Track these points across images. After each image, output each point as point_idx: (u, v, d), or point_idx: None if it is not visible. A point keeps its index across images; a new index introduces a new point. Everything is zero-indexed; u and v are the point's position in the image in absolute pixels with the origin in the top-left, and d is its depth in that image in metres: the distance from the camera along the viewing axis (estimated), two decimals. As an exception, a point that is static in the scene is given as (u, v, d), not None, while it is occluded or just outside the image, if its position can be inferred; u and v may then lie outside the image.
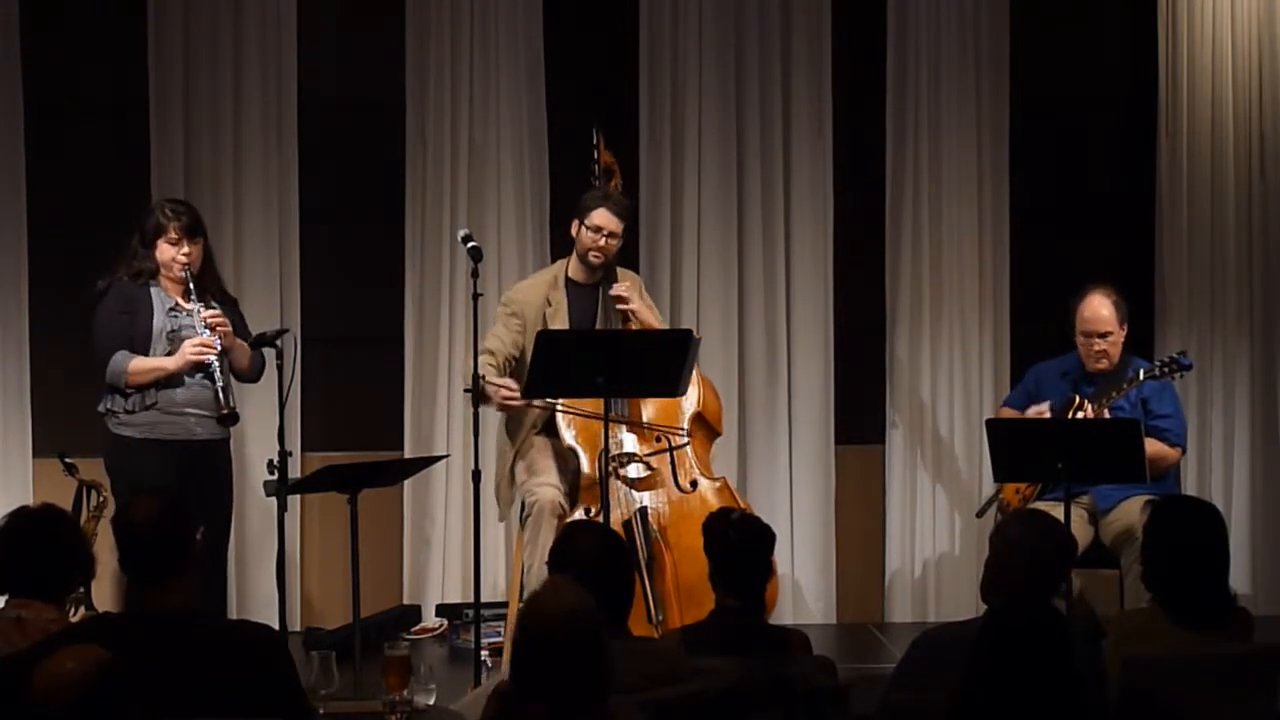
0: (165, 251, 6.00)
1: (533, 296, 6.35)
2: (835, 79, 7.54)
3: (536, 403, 6.15)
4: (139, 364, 5.93)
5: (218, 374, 5.94)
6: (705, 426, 6.41)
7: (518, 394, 6.06)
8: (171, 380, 5.95)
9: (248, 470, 7.03)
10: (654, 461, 6.27)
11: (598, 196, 6.33)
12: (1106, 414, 6.26)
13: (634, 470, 6.24)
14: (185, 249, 6.00)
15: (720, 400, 6.53)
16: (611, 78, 7.61)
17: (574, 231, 6.37)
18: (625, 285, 6.35)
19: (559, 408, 6.19)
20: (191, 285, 5.99)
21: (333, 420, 7.52)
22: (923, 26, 7.55)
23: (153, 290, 6.02)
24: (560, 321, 6.27)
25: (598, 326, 6.32)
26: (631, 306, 6.32)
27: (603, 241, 6.29)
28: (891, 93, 7.59)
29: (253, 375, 6.21)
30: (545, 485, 6.13)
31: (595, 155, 6.48)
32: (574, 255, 6.38)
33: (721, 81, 7.48)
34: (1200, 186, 7.60)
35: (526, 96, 7.41)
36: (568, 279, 6.38)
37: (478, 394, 5.99)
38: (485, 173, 7.41)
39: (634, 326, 6.35)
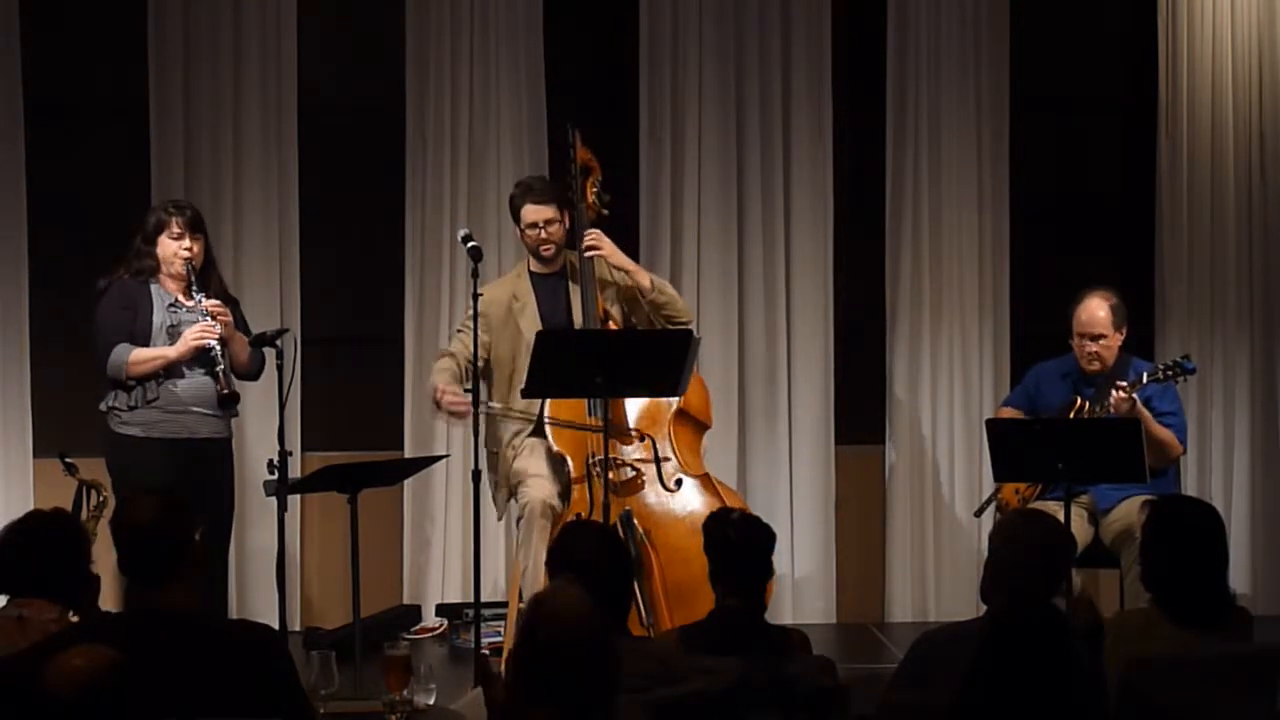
0: (167, 247, 6.03)
1: (499, 295, 6.37)
2: (835, 79, 7.54)
3: (483, 410, 6.15)
4: (140, 354, 5.95)
5: (219, 357, 5.96)
6: (691, 422, 6.40)
7: (464, 402, 6.08)
8: (172, 372, 5.96)
9: (248, 470, 7.03)
10: (639, 464, 6.27)
11: (519, 194, 6.38)
12: (1135, 395, 6.22)
13: (620, 473, 6.23)
14: (187, 243, 6.04)
15: (707, 393, 6.51)
16: (612, 78, 7.61)
17: (518, 236, 6.41)
18: (594, 234, 6.35)
19: (555, 422, 6.18)
20: (193, 280, 6.01)
21: (333, 420, 7.52)
22: (923, 26, 7.55)
23: (152, 287, 6.05)
24: (529, 316, 6.30)
25: (576, 313, 6.33)
26: (603, 251, 6.34)
27: (544, 233, 6.32)
28: (891, 93, 7.59)
29: (252, 372, 6.22)
30: (535, 488, 6.14)
31: (571, 154, 6.49)
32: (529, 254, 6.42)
33: (721, 81, 7.48)
34: (1200, 186, 7.60)
35: (526, 96, 7.41)
36: (530, 273, 6.40)
37: (478, 402, 6.00)
38: (485, 173, 7.42)
39: (614, 324, 6.36)
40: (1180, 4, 7.57)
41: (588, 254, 6.35)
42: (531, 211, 6.31)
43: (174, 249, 6.04)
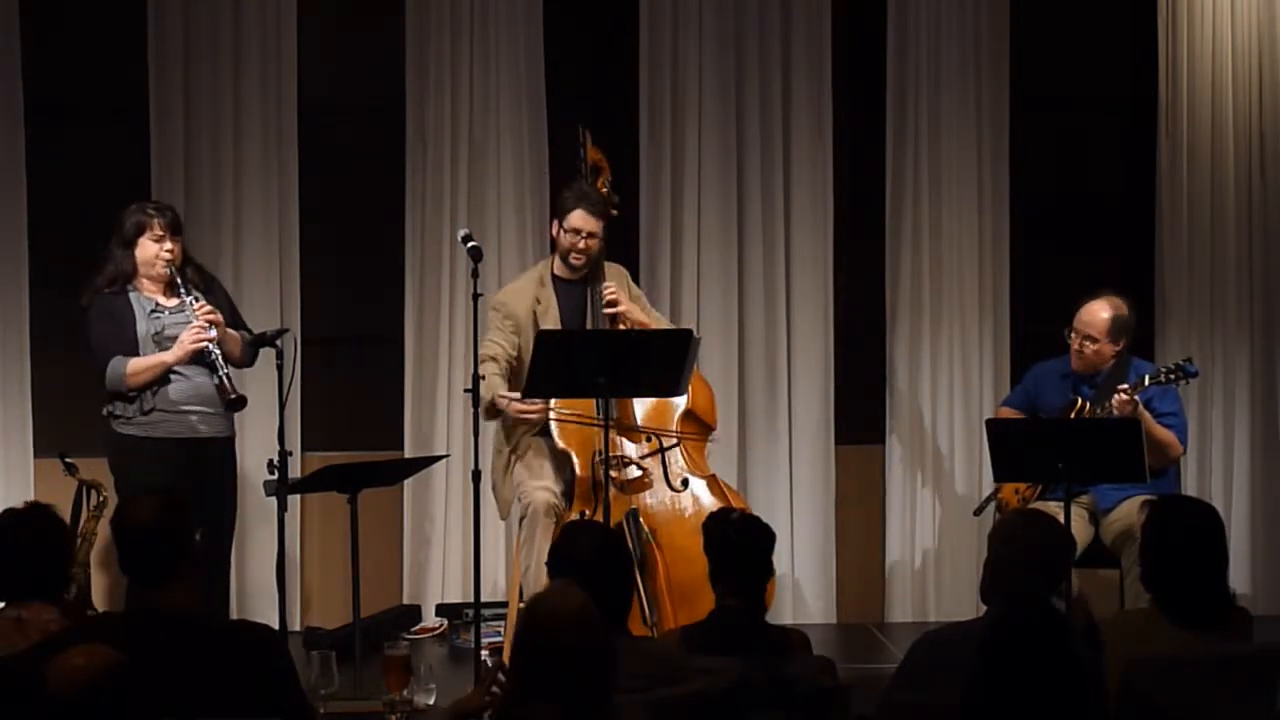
0: (148, 249, 6.02)
1: (521, 298, 6.34)
2: (835, 79, 7.54)
3: (552, 415, 6.14)
4: (137, 364, 5.94)
5: (220, 361, 5.96)
6: (697, 423, 6.40)
7: (536, 410, 6.08)
8: (170, 375, 5.96)
9: (248, 470, 7.02)
10: (645, 463, 6.27)
11: (574, 197, 6.31)
12: (1136, 397, 6.21)
13: (626, 472, 6.23)
14: (169, 245, 6.02)
15: (712, 395, 6.52)
16: (611, 78, 7.61)
17: (553, 232, 6.38)
18: (612, 288, 6.33)
19: (561, 417, 6.15)
20: (178, 280, 6.01)
21: (333, 420, 7.52)
22: (923, 27, 7.55)
23: (131, 296, 6.03)
24: (551, 320, 6.27)
25: (587, 322, 6.33)
26: (621, 309, 6.31)
27: (582, 243, 6.28)
28: (891, 93, 7.59)
29: (248, 361, 6.22)
30: (540, 488, 6.13)
31: (582, 154, 6.49)
32: (556, 255, 6.38)
33: (721, 81, 7.48)
34: (1200, 186, 7.60)
35: (526, 96, 7.41)
36: (554, 277, 6.38)
37: (478, 401, 5.99)
38: (485, 173, 7.42)
39: (623, 326, 6.35)
40: (1180, 4, 7.57)
41: (606, 310, 6.32)
42: (580, 218, 6.27)
43: (155, 251, 6.02)
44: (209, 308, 6.02)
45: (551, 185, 7.36)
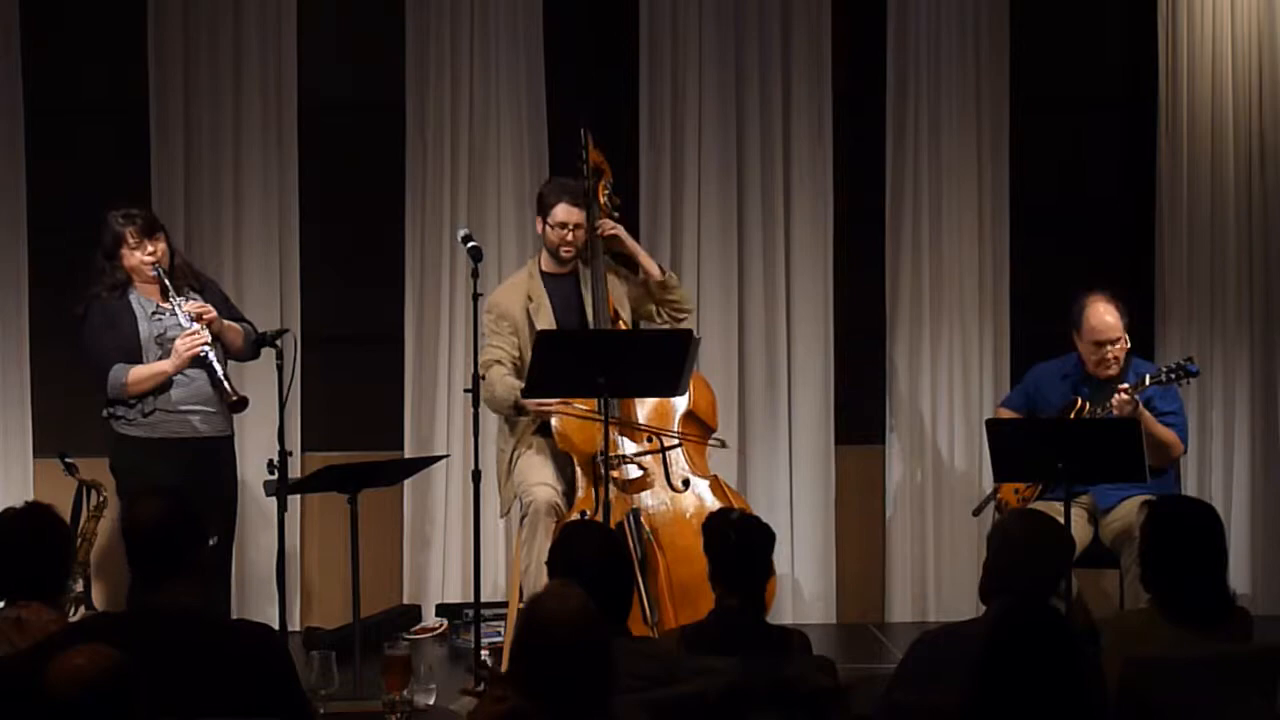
0: (130, 258, 6.02)
1: (514, 298, 6.36)
2: (835, 79, 7.54)
3: (567, 408, 6.16)
4: (137, 373, 5.94)
5: (215, 364, 5.96)
6: (699, 424, 6.40)
7: (552, 402, 6.11)
8: (164, 383, 5.95)
9: (248, 470, 7.01)
10: (646, 462, 6.27)
11: (554, 191, 6.36)
12: (1137, 397, 6.22)
13: (626, 471, 6.23)
14: (149, 249, 6.02)
15: (714, 396, 6.52)
16: (611, 78, 7.61)
17: (540, 230, 6.40)
18: (608, 225, 6.38)
19: (569, 410, 6.16)
20: (167, 281, 6.00)
21: (333, 420, 7.52)
22: (923, 26, 7.55)
23: (131, 299, 6.03)
24: (544, 316, 6.29)
25: (588, 311, 6.33)
26: (618, 231, 6.37)
27: (569, 235, 6.32)
28: (891, 93, 7.59)
29: (250, 352, 6.22)
30: (541, 486, 6.13)
31: (583, 155, 6.48)
32: (544, 250, 6.40)
33: (721, 81, 7.48)
34: (1200, 186, 7.60)
35: (526, 96, 7.41)
36: (543, 273, 6.39)
37: (478, 402, 6.00)
38: (485, 173, 7.42)
39: (624, 325, 6.35)
40: (1180, 4, 7.57)
41: (608, 233, 6.34)
42: (564, 211, 6.31)
43: (138, 258, 6.02)
44: (197, 301, 6.01)
45: (551, 185, 7.37)
